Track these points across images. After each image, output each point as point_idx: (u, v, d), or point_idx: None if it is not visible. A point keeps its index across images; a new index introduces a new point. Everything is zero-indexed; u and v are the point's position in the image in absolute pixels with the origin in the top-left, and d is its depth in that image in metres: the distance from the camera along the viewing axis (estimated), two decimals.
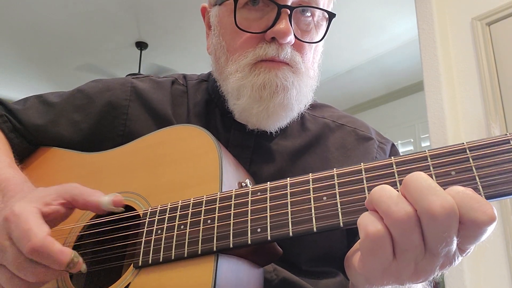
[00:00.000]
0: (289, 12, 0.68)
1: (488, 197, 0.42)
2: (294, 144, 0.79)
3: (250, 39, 0.70)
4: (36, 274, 0.54)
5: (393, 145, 0.86)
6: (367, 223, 0.42)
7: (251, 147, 0.77)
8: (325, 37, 0.75)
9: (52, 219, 0.58)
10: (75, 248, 0.66)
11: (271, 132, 0.77)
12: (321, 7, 0.73)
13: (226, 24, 0.74)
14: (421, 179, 0.41)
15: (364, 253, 0.44)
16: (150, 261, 0.56)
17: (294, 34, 0.69)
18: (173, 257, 0.55)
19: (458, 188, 0.41)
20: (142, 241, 0.58)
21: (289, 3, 0.69)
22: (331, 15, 0.74)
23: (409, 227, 0.40)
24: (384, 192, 0.42)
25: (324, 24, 0.75)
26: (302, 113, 0.78)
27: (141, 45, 3.95)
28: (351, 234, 0.74)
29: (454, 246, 0.41)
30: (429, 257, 0.42)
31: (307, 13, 0.73)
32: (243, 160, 0.75)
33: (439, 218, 0.39)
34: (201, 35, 3.73)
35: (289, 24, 0.68)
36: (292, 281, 0.68)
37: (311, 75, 0.75)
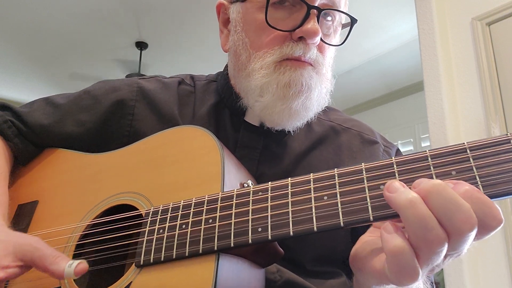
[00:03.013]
0: (317, 13, 0.69)
1: (488, 197, 0.42)
2: (300, 146, 0.79)
3: (277, 37, 0.71)
4: None
5: (398, 150, 0.86)
6: (395, 242, 0.42)
7: (259, 148, 0.77)
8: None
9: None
10: (77, 247, 0.66)
11: (279, 134, 0.78)
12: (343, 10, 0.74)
13: (251, 21, 0.74)
14: (444, 193, 0.41)
15: (393, 271, 0.43)
16: (151, 260, 0.56)
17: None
18: (174, 256, 0.55)
19: (472, 193, 0.41)
20: (144, 240, 0.58)
21: (316, 5, 0.70)
22: (354, 20, 0.75)
23: (441, 250, 0.41)
24: (417, 212, 0.41)
25: (340, 29, 0.77)
26: None
27: (141, 45, 3.95)
28: (355, 234, 0.74)
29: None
30: (444, 259, 0.44)
31: (328, 17, 0.74)
32: (251, 161, 0.75)
33: (466, 235, 0.40)
34: (201, 35, 3.73)
35: (317, 25, 0.69)
36: (296, 282, 0.67)
37: (329, 78, 0.76)
